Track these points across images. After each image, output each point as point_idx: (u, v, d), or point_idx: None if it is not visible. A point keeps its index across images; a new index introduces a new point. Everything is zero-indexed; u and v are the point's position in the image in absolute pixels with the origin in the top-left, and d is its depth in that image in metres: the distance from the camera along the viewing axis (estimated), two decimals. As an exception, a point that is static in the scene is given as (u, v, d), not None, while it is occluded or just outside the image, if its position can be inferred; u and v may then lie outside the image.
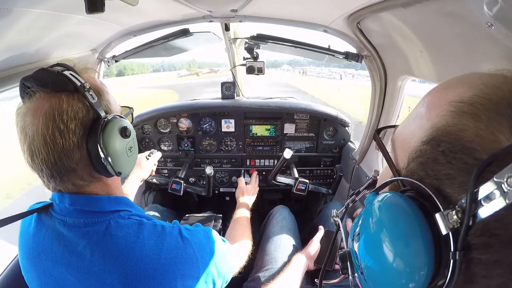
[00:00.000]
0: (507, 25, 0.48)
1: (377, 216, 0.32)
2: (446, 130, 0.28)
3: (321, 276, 0.56)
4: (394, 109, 1.25)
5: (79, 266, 0.57)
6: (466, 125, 0.26)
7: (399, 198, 0.31)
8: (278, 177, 1.59)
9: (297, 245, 1.25)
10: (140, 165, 1.26)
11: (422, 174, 0.30)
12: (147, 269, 0.57)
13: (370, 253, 0.32)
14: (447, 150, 0.27)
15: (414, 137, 0.32)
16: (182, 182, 1.61)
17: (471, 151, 0.25)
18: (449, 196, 0.27)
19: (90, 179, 0.60)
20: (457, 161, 0.26)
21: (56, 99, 0.54)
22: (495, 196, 0.22)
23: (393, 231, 0.30)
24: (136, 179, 1.23)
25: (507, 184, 0.21)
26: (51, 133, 0.53)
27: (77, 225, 0.59)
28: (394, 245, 0.29)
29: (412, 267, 0.27)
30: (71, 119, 0.55)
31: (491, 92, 0.27)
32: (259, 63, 1.51)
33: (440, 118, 0.29)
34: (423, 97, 0.34)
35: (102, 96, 0.61)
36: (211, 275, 0.66)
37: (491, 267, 0.24)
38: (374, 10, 0.80)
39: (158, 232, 0.62)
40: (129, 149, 0.65)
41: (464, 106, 0.27)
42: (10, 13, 0.65)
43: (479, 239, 0.25)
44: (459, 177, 0.26)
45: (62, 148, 0.54)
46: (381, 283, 0.31)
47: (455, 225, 0.25)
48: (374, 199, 0.34)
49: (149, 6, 1.01)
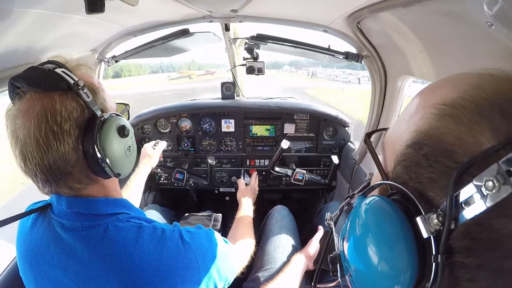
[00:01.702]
0: (507, 25, 0.48)
1: (362, 219, 0.32)
2: (429, 133, 0.28)
3: (316, 278, 0.56)
4: (394, 109, 1.24)
5: (76, 271, 0.56)
6: (448, 128, 0.26)
7: (384, 202, 0.31)
8: (276, 168, 1.59)
9: (297, 245, 1.24)
10: (148, 154, 1.29)
11: (405, 178, 0.30)
12: (146, 275, 0.55)
13: (357, 255, 0.32)
14: (428, 154, 0.27)
15: (400, 140, 0.32)
16: (185, 172, 1.62)
17: (452, 155, 0.25)
18: (431, 200, 0.27)
19: (87, 181, 0.58)
20: (438, 165, 0.26)
21: (49, 99, 0.51)
22: (475, 200, 0.22)
23: (378, 234, 0.30)
24: (146, 168, 1.26)
25: (485, 188, 0.21)
26: (44, 135, 0.50)
27: (75, 228, 0.57)
28: (379, 248, 0.29)
29: (396, 269, 0.27)
30: (65, 119, 0.51)
31: (475, 94, 0.26)
32: (259, 63, 1.51)
33: (424, 121, 0.29)
34: (412, 98, 0.34)
35: (97, 93, 0.59)
36: (213, 279, 0.65)
37: (475, 271, 0.24)
38: (374, 10, 0.80)
39: (158, 236, 0.60)
40: (127, 149, 0.62)
41: (446, 109, 0.27)
42: (10, 14, 0.65)
43: (461, 242, 0.24)
44: (440, 180, 0.26)
45: (57, 151, 0.51)
46: (368, 285, 0.31)
47: (437, 228, 0.25)
48: (361, 202, 0.34)
49: (149, 6, 1.01)
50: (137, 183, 1.16)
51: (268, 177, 1.82)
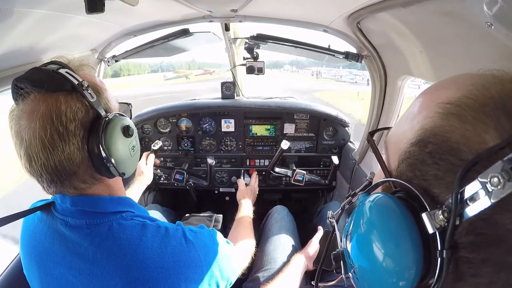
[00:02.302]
0: (507, 25, 0.48)
1: (367, 216, 0.33)
2: (433, 131, 0.28)
3: (317, 277, 0.56)
4: (394, 109, 1.25)
5: (80, 268, 0.56)
6: (453, 127, 0.27)
7: (388, 199, 0.31)
8: (276, 168, 1.59)
9: (296, 245, 1.24)
10: (142, 171, 1.29)
11: (410, 175, 0.31)
12: (150, 272, 0.56)
13: (361, 252, 0.33)
14: (434, 152, 0.28)
15: (404, 139, 0.32)
16: (185, 173, 1.62)
17: (457, 152, 0.26)
18: (436, 196, 0.27)
19: (92, 181, 0.59)
20: (443, 162, 0.27)
21: (53, 100, 0.51)
22: (480, 196, 0.23)
23: (383, 231, 0.30)
24: (141, 186, 1.25)
25: (491, 184, 0.22)
26: (50, 136, 0.50)
27: (79, 226, 0.58)
28: (384, 245, 0.30)
29: (401, 266, 0.28)
30: (70, 120, 0.52)
31: (479, 93, 0.27)
32: (259, 63, 1.51)
33: (428, 120, 0.29)
34: (416, 98, 0.35)
35: (100, 94, 0.59)
36: (215, 277, 0.65)
37: (479, 266, 0.25)
38: (374, 10, 0.80)
39: (162, 234, 0.60)
40: (132, 148, 0.63)
41: (451, 108, 0.28)
42: (11, 14, 0.65)
43: (466, 238, 0.25)
44: (446, 177, 0.27)
45: (62, 152, 0.52)
46: (372, 281, 0.32)
47: (442, 224, 0.25)
48: (365, 199, 0.35)
49: (149, 6, 1.01)
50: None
51: (268, 177, 1.82)
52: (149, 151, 1.43)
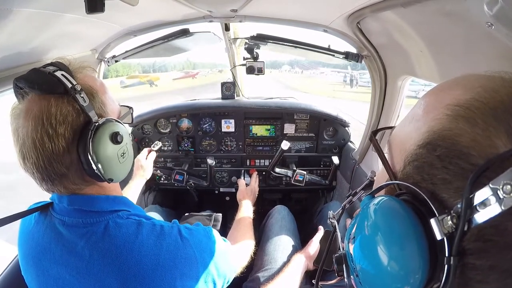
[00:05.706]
0: (508, 25, 0.48)
1: (372, 219, 0.32)
2: (442, 134, 0.28)
3: (318, 277, 0.56)
4: (394, 109, 1.24)
5: (77, 267, 0.57)
6: (463, 130, 0.26)
7: (394, 202, 0.31)
8: (277, 169, 1.59)
9: (296, 245, 1.24)
10: (141, 166, 1.29)
11: (417, 178, 0.30)
12: (146, 270, 0.57)
13: (365, 256, 0.32)
14: (443, 155, 0.27)
15: (410, 140, 0.32)
16: (185, 173, 1.63)
17: (467, 156, 0.25)
18: (445, 201, 0.27)
19: (83, 182, 0.59)
20: (453, 166, 0.26)
21: (45, 102, 0.53)
22: (490, 202, 0.22)
23: (389, 235, 0.29)
24: (140, 181, 1.26)
25: (503, 191, 0.21)
26: (40, 137, 0.52)
27: (76, 225, 0.58)
28: (389, 249, 0.29)
29: (407, 270, 0.27)
30: (60, 123, 0.53)
31: (489, 96, 0.26)
32: (259, 63, 1.51)
33: (436, 122, 0.29)
34: (420, 98, 0.34)
35: (95, 98, 0.59)
36: (211, 275, 0.66)
37: (486, 272, 0.24)
38: (374, 10, 0.80)
39: (157, 232, 0.61)
40: (121, 155, 0.63)
41: (460, 110, 0.27)
42: (10, 13, 0.65)
43: (474, 244, 0.24)
44: (455, 182, 0.26)
45: (51, 153, 0.53)
46: (376, 286, 0.31)
47: (450, 230, 0.25)
48: (370, 202, 0.34)
49: (149, 6, 1.01)
50: (131, 197, 1.16)
51: (268, 177, 1.82)
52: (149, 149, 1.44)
